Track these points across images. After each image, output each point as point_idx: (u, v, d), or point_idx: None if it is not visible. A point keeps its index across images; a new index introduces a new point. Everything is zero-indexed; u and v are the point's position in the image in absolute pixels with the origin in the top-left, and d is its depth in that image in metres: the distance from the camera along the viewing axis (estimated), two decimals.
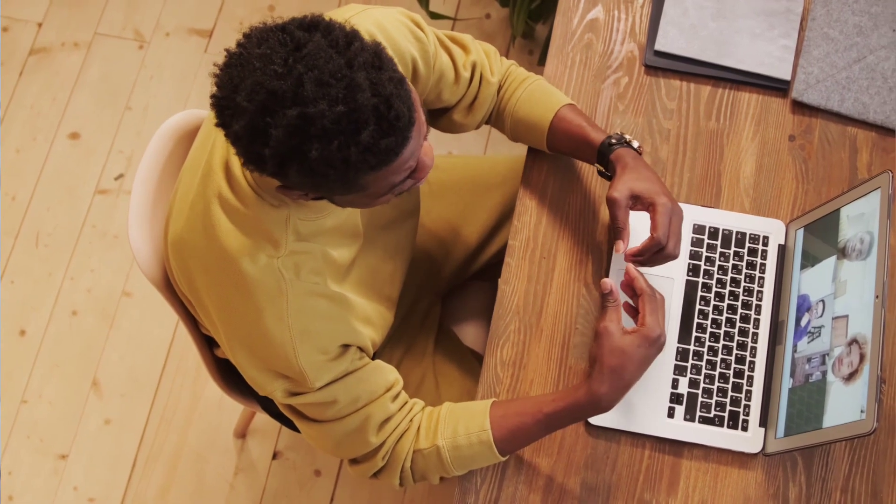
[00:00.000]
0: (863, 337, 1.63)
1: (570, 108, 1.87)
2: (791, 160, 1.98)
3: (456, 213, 2.17)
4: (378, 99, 1.32)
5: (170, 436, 2.77)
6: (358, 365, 1.65)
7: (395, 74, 1.36)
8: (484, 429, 1.68)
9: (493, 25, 3.16)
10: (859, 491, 1.79)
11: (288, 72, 1.31)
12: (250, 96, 1.31)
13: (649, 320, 1.62)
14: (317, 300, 1.58)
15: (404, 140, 1.37)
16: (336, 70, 1.31)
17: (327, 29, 1.35)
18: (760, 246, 1.89)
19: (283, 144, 1.31)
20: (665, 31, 2.03)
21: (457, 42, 1.84)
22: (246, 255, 1.53)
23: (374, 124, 1.32)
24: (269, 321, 1.55)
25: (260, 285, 1.54)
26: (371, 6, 1.67)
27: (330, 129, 1.30)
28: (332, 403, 1.64)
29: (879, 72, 2.02)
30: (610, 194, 1.70)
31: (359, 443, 1.68)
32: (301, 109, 1.30)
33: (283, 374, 1.60)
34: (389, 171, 1.40)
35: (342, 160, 1.32)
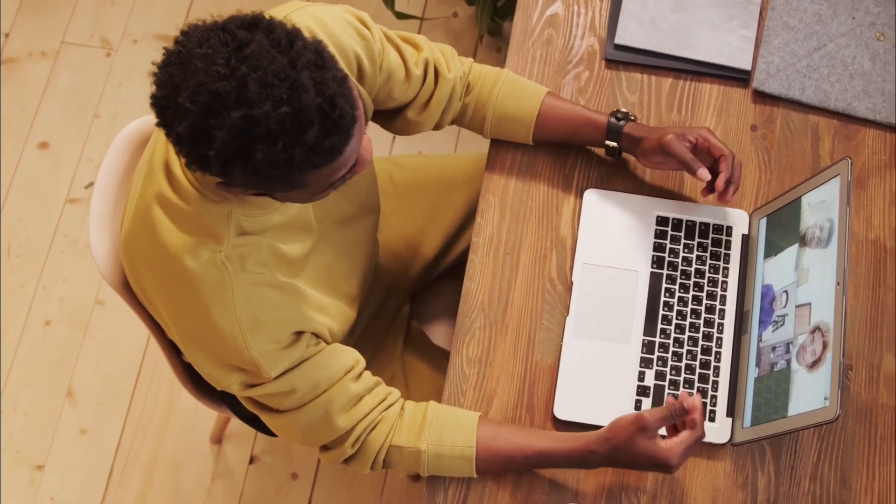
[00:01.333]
0: (825, 324, 1.63)
1: (552, 95, 1.90)
2: (753, 150, 1.98)
3: (423, 213, 2.17)
4: (322, 99, 1.32)
5: (146, 443, 2.76)
6: (314, 351, 1.64)
7: (337, 73, 1.36)
8: (469, 445, 1.69)
9: (461, 24, 3.16)
10: (828, 478, 1.79)
11: (231, 73, 1.30)
12: (193, 97, 1.30)
13: (677, 449, 1.64)
14: (264, 289, 1.58)
15: (347, 138, 1.37)
16: (279, 70, 1.31)
17: (269, 28, 1.35)
18: (724, 237, 1.89)
19: (228, 146, 1.31)
20: (625, 24, 2.03)
21: (408, 41, 1.84)
22: (187, 252, 1.53)
23: (318, 124, 1.32)
24: (217, 314, 1.55)
25: (204, 280, 1.53)
26: (312, 3, 1.66)
27: (275, 130, 1.30)
28: (291, 392, 1.63)
29: (840, 59, 2.02)
30: (664, 139, 1.79)
31: (326, 429, 1.68)
32: (245, 111, 1.29)
33: (237, 366, 1.60)
34: (332, 169, 1.40)
35: (287, 160, 1.32)
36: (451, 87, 1.85)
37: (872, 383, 1.84)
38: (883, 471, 1.80)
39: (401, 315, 2.15)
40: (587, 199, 1.92)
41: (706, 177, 1.78)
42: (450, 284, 2.26)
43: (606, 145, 1.89)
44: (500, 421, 1.73)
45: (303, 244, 1.66)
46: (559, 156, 1.96)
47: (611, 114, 1.88)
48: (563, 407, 1.80)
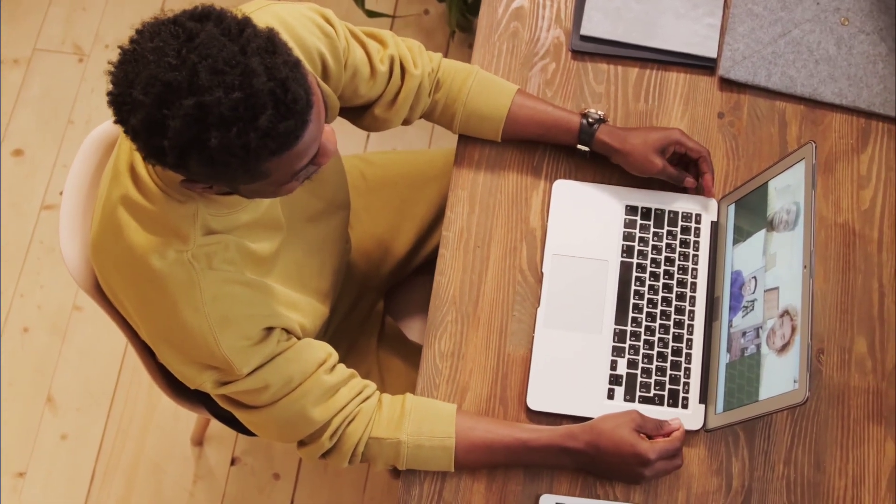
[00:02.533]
0: (793, 308, 1.64)
1: (522, 94, 1.91)
2: (721, 137, 1.98)
3: (394, 209, 2.17)
4: (274, 83, 1.32)
5: (127, 447, 2.76)
6: (285, 346, 1.64)
7: (289, 58, 1.36)
8: (449, 436, 1.69)
9: (432, 21, 3.16)
10: (802, 462, 1.80)
11: (182, 63, 1.30)
12: (146, 90, 1.31)
13: (658, 446, 1.69)
14: (232, 287, 1.58)
15: (303, 123, 1.36)
16: (230, 57, 1.31)
17: (219, 18, 1.35)
18: (693, 224, 1.90)
19: (182, 135, 1.31)
20: (590, 15, 2.04)
21: (374, 37, 1.84)
22: (154, 252, 1.53)
23: (271, 108, 1.32)
24: (186, 313, 1.55)
25: (171, 279, 1.53)
26: (276, 2, 1.66)
27: (227, 117, 1.30)
28: (265, 388, 1.63)
29: (805, 45, 2.02)
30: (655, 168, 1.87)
31: (302, 423, 1.68)
32: (197, 99, 1.30)
33: (209, 364, 1.60)
34: (292, 157, 1.39)
35: (242, 147, 1.32)
36: (418, 84, 1.85)
37: (844, 366, 1.85)
38: (856, 453, 1.81)
39: (375, 312, 2.15)
40: (556, 190, 1.92)
41: (693, 184, 1.89)
42: (424, 280, 2.26)
43: (578, 148, 1.91)
44: (477, 413, 1.73)
45: (272, 242, 1.66)
46: (528, 148, 1.96)
47: (582, 115, 1.89)
48: (536, 398, 1.80)
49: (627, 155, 1.87)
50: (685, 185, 1.89)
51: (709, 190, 1.89)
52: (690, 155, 1.88)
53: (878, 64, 2.02)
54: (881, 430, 1.82)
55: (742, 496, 1.78)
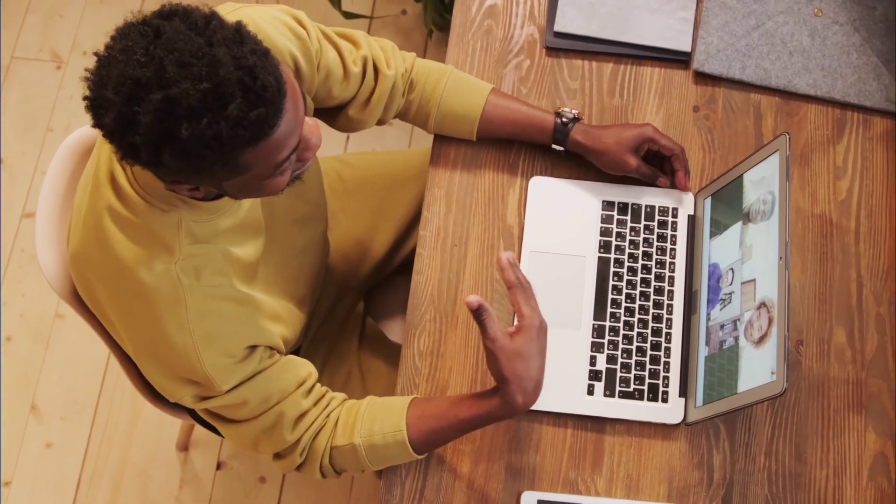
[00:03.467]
0: (770, 300, 1.64)
1: (496, 93, 1.91)
2: (697, 131, 1.98)
3: (373, 209, 2.17)
4: (242, 71, 1.32)
5: (112, 454, 2.75)
6: (267, 364, 1.64)
7: (257, 47, 1.35)
8: (399, 429, 1.68)
9: (410, 21, 3.16)
10: (783, 453, 1.80)
11: (150, 59, 1.30)
12: (117, 88, 1.31)
13: (525, 311, 1.58)
14: (220, 303, 1.57)
15: (277, 111, 1.35)
16: (196, 49, 1.31)
17: (185, 14, 1.35)
18: (670, 218, 1.90)
19: (153, 129, 1.30)
20: (563, 11, 2.04)
21: (347, 38, 1.83)
22: (141, 264, 1.52)
23: (240, 97, 1.31)
24: (170, 328, 1.54)
25: (158, 293, 1.53)
26: (247, 4, 1.66)
27: (196, 108, 1.30)
28: (243, 404, 1.63)
29: (779, 37, 2.03)
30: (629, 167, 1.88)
31: (275, 440, 1.68)
32: (165, 92, 1.29)
33: (190, 379, 1.60)
34: (269, 147, 1.38)
35: (214, 137, 1.31)
36: (392, 84, 1.85)
37: (823, 357, 1.85)
38: (837, 443, 1.81)
39: (355, 314, 2.15)
40: (532, 187, 1.92)
41: (666, 184, 1.91)
42: (404, 280, 2.26)
43: (553, 148, 1.91)
44: (428, 398, 1.71)
45: (255, 245, 1.65)
46: (503, 145, 1.96)
47: (556, 114, 1.89)
48: None
49: (602, 154, 1.87)
50: (659, 184, 1.90)
51: (682, 187, 1.90)
52: (663, 152, 1.88)
53: (851, 54, 2.02)
54: (861, 420, 1.82)
55: (724, 489, 1.78)
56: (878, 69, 2.01)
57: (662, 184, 1.90)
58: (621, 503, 1.75)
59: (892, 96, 2.00)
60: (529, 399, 1.60)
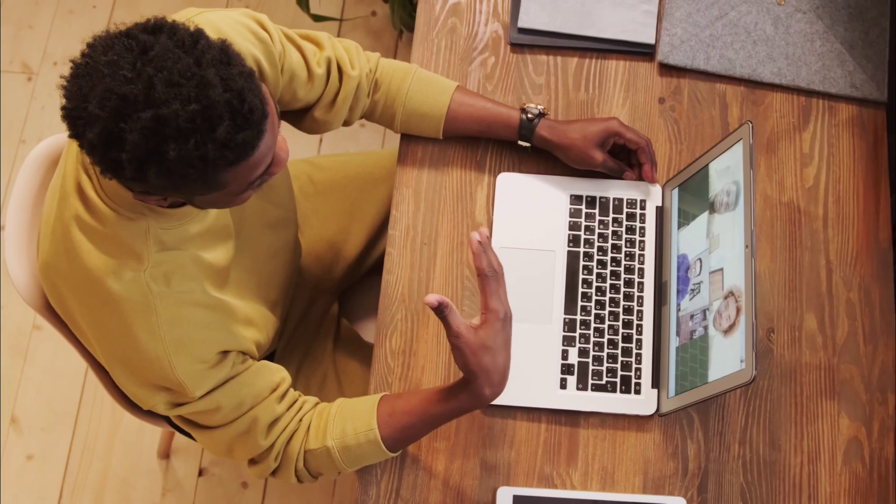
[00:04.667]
0: (737, 289, 1.65)
1: (461, 90, 1.91)
2: (663, 122, 1.99)
3: (344, 211, 2.17)
4: (230, 94, 1.32)
5: (94, 464, 2.75)
6: (240, 370, 1.64)
7: (244, 69, 1.36)
8: (371, 428, 1.68)
9: (380, 22, 3.16)
10: (757, 441, 1.80)
11: (137, 75, 1.30)
12: (102, 103, 1.30)
13: (492, 303, 1.56)
14: (191, 310, 1.57)
15: (259, 133, 1.36)
16: (185, 69, 1.31)
17: (172, 30, 1.35)
18: (638, 210, 1.90)
19: (140, 148, 1.30)
20: (527, 7, 2.04)
21: (310, 39, 1.83)
22: (110, 273, 1.52)
23: (228, 119, 1.32)
24: (142, 336, 1.54)
25: (127, 302, 1.53)
26: (208, 9, 1.66)
27: (185, 128, 1.30)
28: (217, 410, 1.63)
29: (742, 26, 2.03)
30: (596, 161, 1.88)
31: (249, 445, 1.68)
32: (154, 111, 1.29)
33: (163, 386, 1.59)
34: (248, 167, 1.39)
35: (200, 158, 1.32)
36: (357, 85, 1.85)
37: (795, 344, 1.86)
38: (811, 429, 1.81)
39: (329, 315, 2.15)
40: (500, 184, 1.93)
41: (633, 177, 1.92)
42: (378, 281, 2.26)
43: (519, 144, 1.91)
44: (397, 394, 1.70)
45: (225, 250, 1.65)
46: (470, 143, 1.96)
47: (521, 109, 1.90)
48: None
49: (567, 149, 1.88)
50: (625, 177, 1.91)
51: (649, 179, 1.91)
52: (629, 146, 1.88)
53: (815, 42, 2.03)
54: (834, 406, 1.83)
55: (699, 478, 1.78)
56: (841, 56, 2.02)
57: (629, 177, 1.91)
58: (597, 496, 1.76)
59: (856, 82, 2.00)
60: (496, 390, 1.60)
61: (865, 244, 1.92)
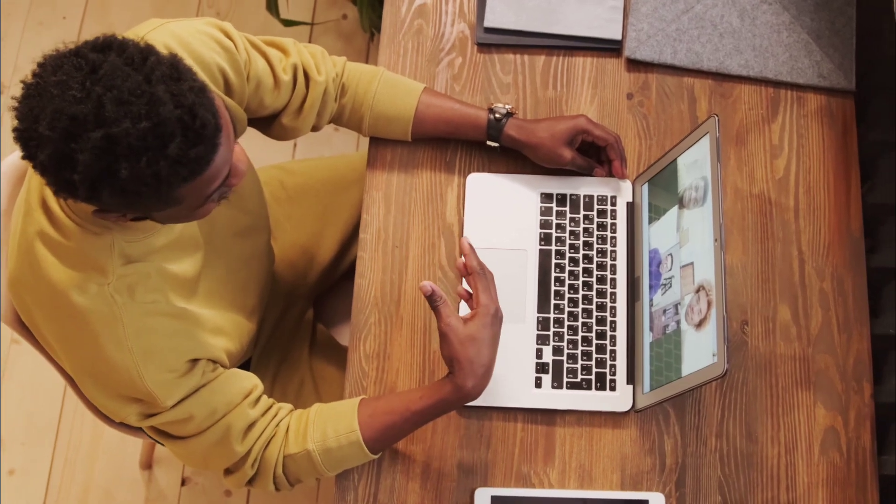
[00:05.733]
0: (708, 283, 1.65)
1: (429, 92, 1.90)
2: (632, 118, 1.99)
3: (317, 216, 2.16)
4: (181, 110, 1.32)
5: (76, 477, 2.74)
6: (210, 377, 1.64)
7: (194, 83, 1.35)
8: (353, 429, 1.68)
9: (351, 25, 3.16)
10: (734, 434, 1.80)
11: (87, 95, 1.29)
12: (52, 124, 1.29)
13: (483, 298, 1.63)
14: (156, 319, 1.57)
15: (214, 147, 1.36)
16: (135, 87, 1.30)
17: (121, 48, 1.34)
18: (609, 206, 1.90)
19: (92, 168, 1.30)
20: (492, 7, 2.04)
21: (275, 46, 1.83)
22: (74, 287, 1.51)
23: (180, 136, 1.31)
24: (109, 348, 1.54)
25: (93, 314, 1.52)
26: (171, 20, 1.65)
27: (137, 147, 1.29)
28: (189, 419, 1.62)
29: (708, 19, 2.03)
30: (564, 159, 1.87)
31: (225, 453, 1.67)
32: (105, 130, 1.28)
33: (133, 397, 1.59)
34: (204, 181, 1.38)
35: (153, 175, 1.31)
36: (323, 90, 1.85)
37: (769, 335, 1.86)
38: (787, 420, 1.81)
39: (305, 321, 2.14)
40: (470, 184, 1.92)
41: (602, 174, 1.91)
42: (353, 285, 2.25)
43: (488, 144, 1.91)
44: (377, 396, 1.71)
45: (193, 260, 1.65)
46: (439, 144, 1.96)
47: (489, 110, 1.89)
48: None
49: (536, 148, 1.87)
50: (595, 174, 1.90)
51: (619, 176, 1.90)
52: (598, 143, 1.88)
53: (782, 33, 2.03)
54: (810, 396, 1.83)
55: (676, 473, 1.78)
56: (808, 46, 2.02)
57: (599, 174, 1.91)
58: (575, 494, 1.76)
59: (824, 72, 2.01)
60: (479, 383, 1.62)
61: (837, 234, 1.92)
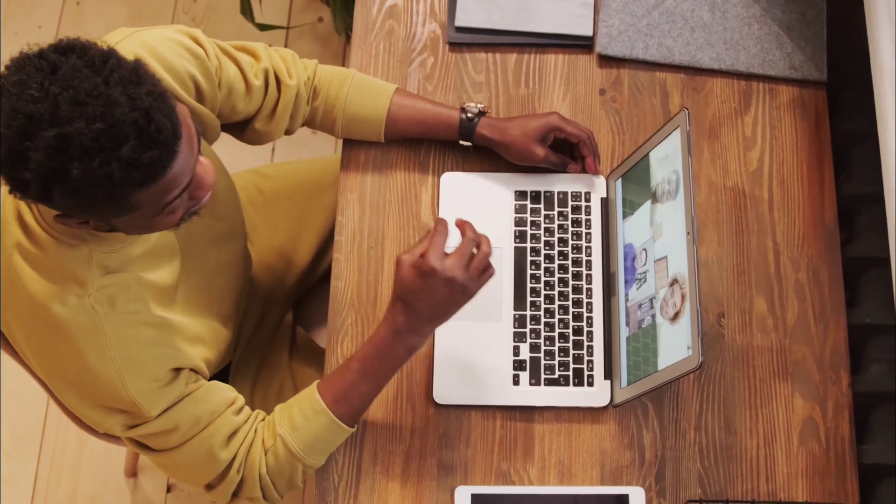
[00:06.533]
0: (682, 276, 1.65)
1: (401, 93, 1.90)
2: (604, 114, 1.99)
3: (294, 219, 2.16)
4: (137, 113, 1.32)
5: (62, 486, 2.74)
6: (193, 388, 1.64)
7: (154, 88, 1.35)
8: (314, 400, 1.67)
9: (327, 28, 3.16)
10: (712, 426, 1.81)
11: (44, 95, 1.30)
12: (8, 122, 1.30)
13: (429, 253, 1.59)
14: (138, 329, 1.57)
15: (171, 154, 1.35)
16: (92, 88, 1.30)
17: (83, 50, 1.34)
18: (583, 202, 1.91)
19: (44, 166, 1.30)
20: (463, 6, 2.04)
21: (246, 51, 1.82)
22: (54, 299, 1.51)
23: (134, 138, 1.31)
24: (92, 359, 1.54)
25: (74, 325, 1.52)
26: (141, 28, 1.65)
27: (89, 147, 1.29)
28: (175, 430, 1.62)
29: (679, 14, 2.04)
30: (537, 156, 1.88)
31: (211, 463, 1.67)
32: (58, 130, 1.29)
33: (118, 408, 1.59)
34: (161, 188, 1.38)
35: (105, 177, 1.31)
36: (295, 94, 1.85)
37: (746, 327, 1.86)
38: (765, 411, 1.82)
39: (284, 325, 2.14)
40: (444, 183, 1.93)
41: (576, 170, 1.91)
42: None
43: (461, 143, 1.91)
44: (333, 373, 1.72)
45: (170, 268, 1.65)
46: (413, 144, 1.96)
47: (461, 109, 1.90)
48: (441, 392, 1.80)
49: (508, 146, 1.88)
50: (569, 170, 1.91)
51: (592, 172, 1.91)
52: (570, 140, 1.88)
53: (752, 25, 2.03)
54: (788, 387, 1.83)
55: (656, 467, 1.78)
56: (779, 38, 2.03)
57: (573, 170, 1.91)
58: (555, 490, 1.76)
59: (795, 64, 2.01)
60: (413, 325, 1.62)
61: (812, 225, 1.92)
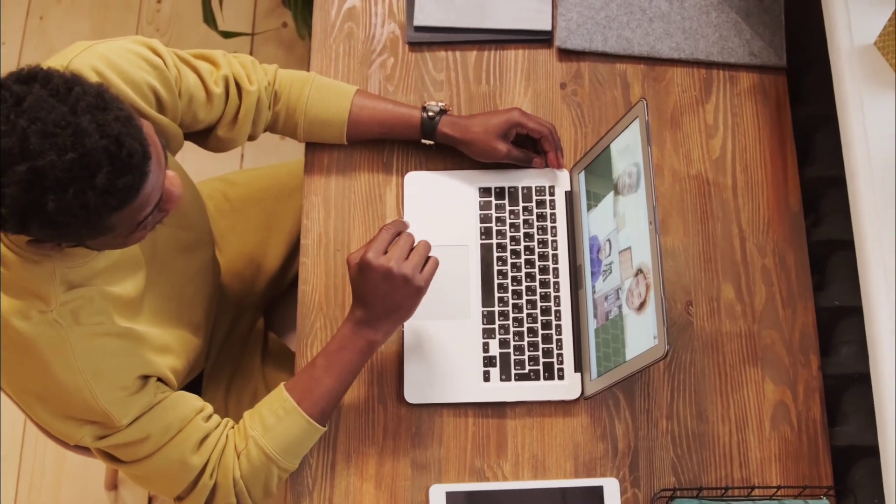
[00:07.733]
0: (646, 266, 1.65)
1: (361, 94, 1.90)
2: (566, 107, 2.00)
3: (261, 225, 2.16)
4: (107, 140, 1.31)
5: (42, 500, 2.73)
6: (161, 397, 1.64)
7: (121, 113, 1.34)
8: (284, 398, 1.68)
9: (291, 34, 3.16)
10: (684, 414, 1.81)
11: (12, 128, 1.29)
12: None
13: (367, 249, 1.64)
14: (103, 339, 1.56)
15: (143, 176, 1.35)
16: (60, 118, 1.29)
17: (46, 78, 1.33)
18: (548, 196, 1.91)
19: (19, 201, 1.29)
20: (421, 5, 2.04)
21: (205, 58, 1.82)
22: (16, 315, 1.50)
23: (107, 166, 1.31)
24: (59, 370, 1.53)
25: (39, 338, 1.51)
26: (98, 41, 1.64)
27: (63, 179, 1.29)
28: (146, 439, 1.62)
29: (637, 5, 2.04)
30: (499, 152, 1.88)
31: (183, 470, 1.66)
32: (30, 164, 1.28)
33: (88, 419, 1.58)
34: (134, 209, 1.38)
35: (81, 207, 1.31)
36: (256, 99, 1.84)
37: (714, 314, 1.87)
38: (736, 397, 1.82)
39: (255, 331, 2.14)
40: (408, 183, 1.93)
41: (541, 164, 1.91)
42: None
43: (423, 142, 1.92)
44: None
45: (135, 281, 1.64)
46: (376, 145, 1.96)
47: (422, 108, 1.90)
48: (413, 391, 1.80)
49: (470, 144, 1.88)
50: (533, 165, 1.91)
51: (555, 166, 1.91)
52: (532, 135, 1.89)
53: (710, 13, 2.04)
54: (758, 372, 1.84)
55: (629, 457, 1.79)
56: (738, 25, 2.03)
57: (537, 164, 1.91)
58: (529, 485, 1.76)
59: (754, 50, 2.02)
60: (369, 320, 1.67)
61: (776, 210, 1.93)
